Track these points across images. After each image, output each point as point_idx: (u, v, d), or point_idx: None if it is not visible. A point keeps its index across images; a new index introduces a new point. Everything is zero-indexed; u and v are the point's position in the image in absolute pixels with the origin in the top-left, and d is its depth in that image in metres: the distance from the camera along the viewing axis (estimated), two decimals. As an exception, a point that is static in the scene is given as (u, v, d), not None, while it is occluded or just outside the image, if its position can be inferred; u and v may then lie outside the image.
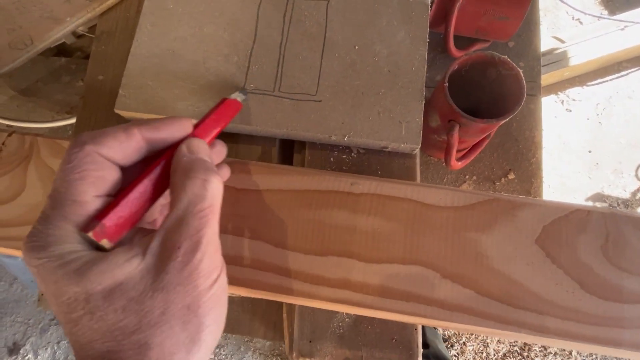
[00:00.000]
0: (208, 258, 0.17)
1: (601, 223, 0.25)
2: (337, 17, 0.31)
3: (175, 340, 0.16)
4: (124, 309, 0.16)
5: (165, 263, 0.16)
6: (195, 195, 0.17)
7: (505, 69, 0.32)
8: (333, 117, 0.29)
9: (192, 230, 0.17)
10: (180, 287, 0.16)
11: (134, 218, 0.18)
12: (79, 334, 0.16)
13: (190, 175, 0.18)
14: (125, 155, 0.18)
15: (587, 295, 0.24)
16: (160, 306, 0.16)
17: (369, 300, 0.24)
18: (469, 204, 0.26)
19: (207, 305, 0.17)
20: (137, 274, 0.16)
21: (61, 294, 0.16)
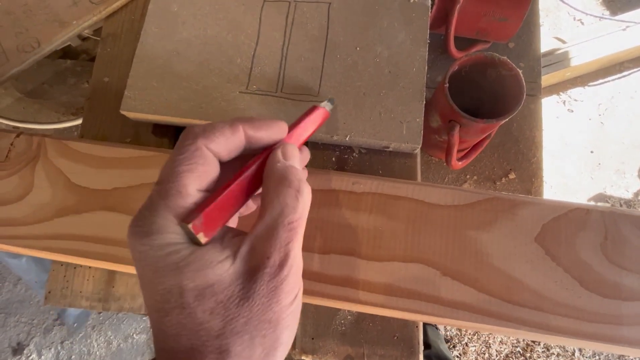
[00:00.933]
0: (293, 274, 0.17)
1: (600, 221, 0.25)
2: (339, 19, 0.31)
3: (253, 352, 0.16)
4: (212, 312, 0.16)
5: (255, 272, 0.17)
6: (287, 206, 0.17)
7: (505, 70, 0.32)
8: (335, 117, 0.29)
9: (282, 242, 0.17)
10: (266, 299, 0.16)
11: (227, 215, 0.18)
12: (167, 324, 0.16)
13: (284, 184, 0.18)
14: (229, 151, 0.19)
15: (586, 292, 0.24)
16: (245, 315, 0.16)
17: (371, 297, 0.25)
18: (470, 203, 0.26)
19: (286, 322, 0.17)
20: (227, 277, 0.16)
21: (158, 283, 0.16)
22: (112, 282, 0.31)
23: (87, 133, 0.35)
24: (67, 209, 0.28)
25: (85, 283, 0.31)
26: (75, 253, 0.27)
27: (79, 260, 0.28)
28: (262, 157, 0.19)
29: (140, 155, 0.29)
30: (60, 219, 0.28)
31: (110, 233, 0.27)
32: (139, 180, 0.28)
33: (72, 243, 0.27)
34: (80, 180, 0.29)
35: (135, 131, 0.34)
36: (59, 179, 0.29)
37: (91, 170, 0.29)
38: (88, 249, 0.27)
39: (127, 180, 0.29)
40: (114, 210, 0.28)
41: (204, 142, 0.18)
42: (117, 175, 0.29)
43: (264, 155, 0.19)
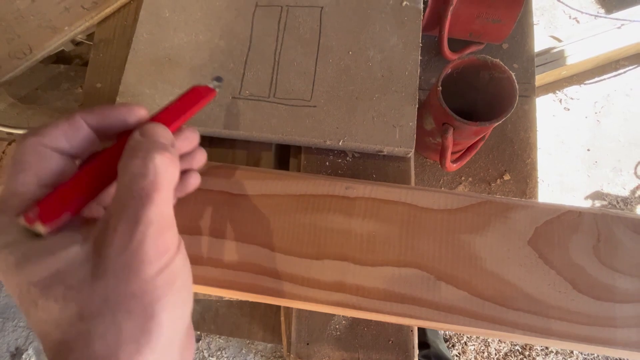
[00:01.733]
0: (151, 241, 0.16)
1: (592, 224, 0.26)
2: (331, 23, 0.31)
3: (120, 330, 0.15)
4: (64, 298, 0.15)
5: (104, 247, 0.16)
6: (134, 175, 0.16)
7: (498, 72, 0.32)
8: (328, 122, 0.29)
9: (130, 211, 0.16)
10: (121, 273, 0.15)
11: (73, 204, 0.17)
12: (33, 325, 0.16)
13: (130, 155, 0.17)
14: (73, 144, 0.18)
15: (579, 295, 0.24)
16: (100, 294, 0.15)
17: (365, 302, 0.25)
18: (463, 207, 0.26)
19: (156, 293, 0.16)
20: (76, 261, 0.16)
21: (8, 286, 0.16)
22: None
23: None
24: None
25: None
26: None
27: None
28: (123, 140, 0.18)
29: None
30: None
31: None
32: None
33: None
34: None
35: (129, 137, 0.34)
36: (51, 186, 0.29)
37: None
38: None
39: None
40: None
41: (35, 139, 0.17)
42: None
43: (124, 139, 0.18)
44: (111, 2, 0.37)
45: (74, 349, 0.15)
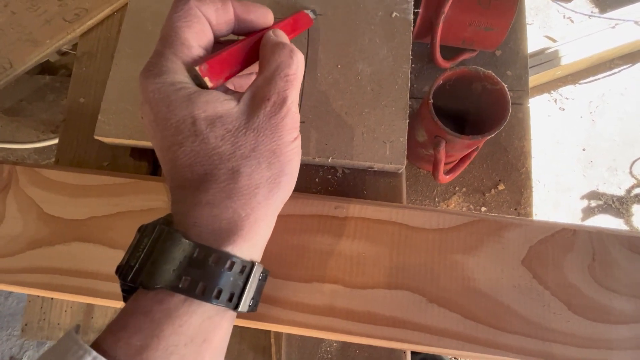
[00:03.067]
0: (291, 116, 0.19)
1: (587, 242, 0.25)
2: (319, 36, 0.30)
3: (261, 175, 0.19)
4: (222, 138, 0.18)
5: (257, 109, 0.19)
6: (283, 62, 0.19)
7: (490, 84, 0.32)
8: (316, 138, 0.28)
9: (279, 88, 0.19)
10: (269, 132, 0.19)
11: (229, 70, 0.20)
12: (181, 155, 0.18)
13: (279, 46, 0.20)
14: (218, 22, 0.20)
15: (574, 316, 0.24)
16: (251, 143, 0.19)
17: (355, 327, 0.24)
18: (455, 226, 0.26)
19: (288, 155, 0.19)
20: (234, 112, 0.19)
21: (172, 116, 0.18)
22: (90, 313, 0.30)
23: (63, 156, 0.33)
24: (39, 241, 0.27)
25: (63, 315, 0.30)
26: (49, 287, 0.26)
27: (54, 294, 0.27)
28: (256, 36, 0.21)
29: (116, 182, 0.28)
30: (33, 251, 0.27)
31: (85, 265, 0.26)
32: (116, 209, 0.28)
33: (46, 277, 0.26)
34: (54, 210, 0.28)
35: (113, 154, 0.33)
36: (31, 209, 0.28)
37: (65, 199, 0.28)
38: (63, 283, 0.26)
39: (103, 209, 0.28)
40: (89, 240, 0.27)
41: (196, 3, 0.19)
42: (92, 204, 0.28)
43: (256, 35, 0.21)
44: (93, 14, 0.36)
45: (220, 181, 0.18)
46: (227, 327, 0.19)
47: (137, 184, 0.28)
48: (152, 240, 0.18)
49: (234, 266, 0.18)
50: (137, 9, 0.32)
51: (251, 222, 0.18)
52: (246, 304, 0.19)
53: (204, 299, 0.17)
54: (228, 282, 0.18)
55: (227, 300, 0.18)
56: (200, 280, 0.17)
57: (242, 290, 0.18)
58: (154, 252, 0.17)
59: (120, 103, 0.30)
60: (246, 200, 0.18)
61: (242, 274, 0.18)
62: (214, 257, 0.17)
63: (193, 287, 0.17)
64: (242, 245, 0.18)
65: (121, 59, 0.31)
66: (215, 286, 0.17)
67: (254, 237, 0.19)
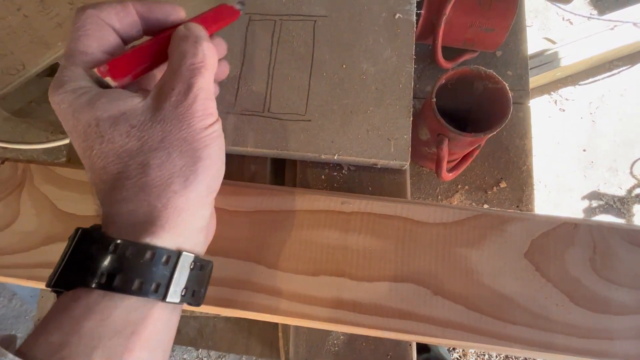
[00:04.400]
0: (200, 102, 0.19)
1: (588, 235, 0.26)
2: (324, 37, 0.31)
3: (173, 165, 0.19)
4: (128, 134, 0.18)
5: (163, 101, 0.19)
6: (187, 52, 0.20)
7: (492, 83, 0.32)
8: (322, 136, 0.29)
9: (184, 77, 0.19)
10: (176, 121, 0.19)
11: (135, 69, 0.20)
12: (94, 159, 0.19)
13: (183, 39, 0.20)
14: (122, 25, 0.21)
15: (576, 308, 0.24)
16: (158, 134, 0.19)
17: (362, 319, 0.25)
18: (458, 220, 0.26)
19: (203, 141, 0.19)
20: (138, 108, 0.19)
21: (77, 123, 0.19)
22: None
23: (75, 155, 0.34)
24: (54, 237, 0.28)
25: (75, 309, 0.30)
26: (63, 281, 0.27)
27: (67, 288, 0.27)
28: (168, 33, 0.21)
29: (127, 179, 0.29)
30: (47, 246, 0.28)
31: (98, 260, 0.27)
32: (127, 205, 0.28)
33: (60, 271, 0.27)
34: (67, 207, 0.28)
35: (123, 153, 0.34)
36: (45, 205, 0.28)
37: (78, 196, 0.29)
38: (76, 277, 0.27)
39: (114, 205, 0.28)
40: (102, 236, 0.27)
41: (94, 12, 0.20)
42: (104, 201, 0.28)
43: (169, 31, 0.21)
44: (104, 16, 0.37)
45: (132, 177, 0.18)
46: (160, 318, 0.18)
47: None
48: (74, 243, 0.18)
49: (156, 256, 0.18)
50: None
51: (170, 212, 0.18)
52: (177, 294, 0.19)
53: (124, 291, 0.17)
54: (151, 273, 0.18)
55: (152, 292, 0.18)
56: (118, 274, 0.17)
57: (169, 280, 0.18)
58: (75, 255, 0.18)
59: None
60: (160, 191, 0.18)
61: (168, 264, 0.18)
62: (132, 250, 0.17)
63: (110, 280, 0.17)
64: (163, 235, 0.18)
65: (132, 60, 0.31)
66: (135, 278, 0.17)
67: (178, 226, 0.19)
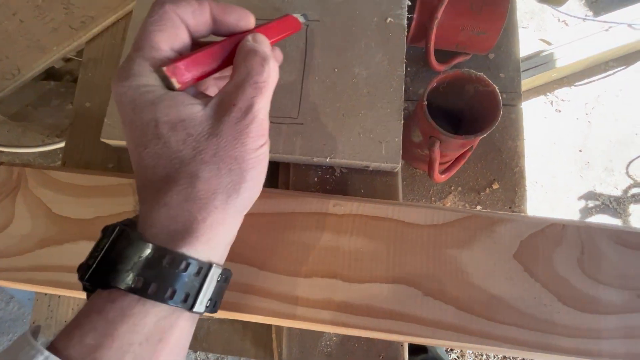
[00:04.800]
0: (257, 123, 0.19)
1: (576, 236, 0.26)
2: (317, 41, 0.32)
3: (220, 181, 0.19)
4: (184, 142, 0.19)
5: (222, 115, 0.19)
6: (253, 69, 0.20)
7: (482, 86, 0.33)
8: (315, 139, 0.29)
9: (247, 94, 0.19)
10: (232, 138, 0.19)
11: (200, 71, 0.20)
12: (146, 157, 0.19)
13: (252, 54, 0.20)
14: (196, 23, 0.21)
15: (565, 307, 0.25)
16: (212, 148, 0.19)
17: (353, 320, 0.25)
18: (449, 221, 0.27)
19: (251, 163, 0.19)
20: (198, 117, 0.19)
21: (137, 119, 0.19)
22: (97, 310, 0.31)
23: (70, 159, 0.35)
24: (48, 240, 0.28)
25: (70, 312, 0.31)
26: (57, 284, 0.27)
27: (62, 291, 0.27)
28: (235, 38, 0.21)
29: (122, 183, 0.29)
30: (42, 250, 0.28)
31: (92, 263, 0.27)
32: (121, 209, 0.28)
33: (55, 274, 0.27)
34: (62, 210, 0.29)
35: (118, 156, 0.34)
36: (39, 209, 0.29)
37: (72, 199, 0.29)
38: (71, 280, 0.27)
39: (109, 209, 0.29)
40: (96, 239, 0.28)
41: (172, 7, 0.20)
42: (98, 204, 0.29)
43: (236, 38, 0.21)
44: (99, 21, 0.37)
45: (179, 184, 0.18)
46: (185, 327, 0.19)
47: (142, 185, 0.29)
48: (110, 240, 0.18)
49: (189, 267, 0.18)
50: (142, 17, 0.33)
51: (208, 225, 0.19)
52: (203, 304, 0.19)
53: (157, 298, 0.17)
54: (183, 283, 0.18)
55: (181, 301, 0.18)
56: (153, 281, 0.17)
57: (198, 291, 0.18)
58: (111, 253, 0.18)
59: (126, 107, 0.31)
60: (203, 204, 0.18)
61: (199, 276, 0.18)
62: (169, 258, 0.18)
63: (146, 287, 0.17)
64: (199, 247, 0.18)
65: (126, 65, 0.32)
66: (168, 286, 0.17)
67: (212, 240, 0.19)
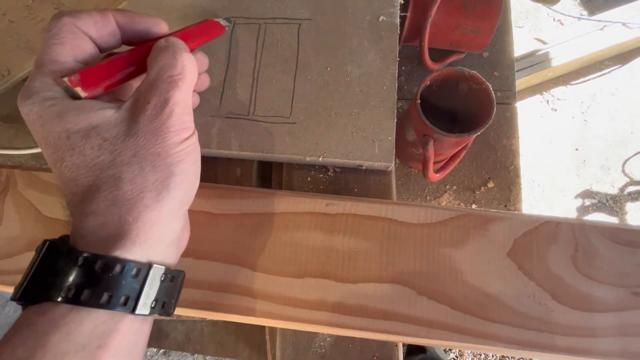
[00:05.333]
0: (176, 117, 0.19)
1: (570, 233, 0.26)
2: (309, 40, 0.31)
3: (146, 179, 0.18)
4: (100, 147, 0.18)
5: (137, 114, 0.19)
6: (165, 64, 0.19)
7: (475, 84, 0.33)
8: (307, 138, 0.29)
9: (161, 90, 0.19)
10: (150, 135, 0.18)
11: (110, 79, 0.20)
12: (65, 171, 0.19)
13: (162, 50, 0.20)
14: (100, 35, 0.20)
15: (559, 306, 0.25)
16: (131, 149, 0.18)
17: (347, 320, 0.25)
18: (442, 220, 0.27)
19: (177, 157, 0.19)
20: (111, 121, 0.19)
21: (47, 134, 0.18)
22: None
23: (61, 161, 0.34)
24: (37, 242, 0.27)
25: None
26: (47, 287, 0.27)
27: (51, 294, 0.27)
28: (148, 45, 0.21)
29: (112, 183, 0.29)
30: (31, 252, 0.27)
31: (82, 265, 0.27)
32: (112, 210, 0.28)
33: (44, 277, 0.27)
34: (51, 212, 0.28)
35: (109, 157, 0.33)
36: (29, 211, 0.28)
37: (62, 200, 0.28)
38: (60, 283, 0.27)
39: (99, 210, 0.28)
40: (86, 241, 0.27)
41: (70, 19, 0.19)
42: (89, 205, 0.28)
43: (148, 44, 0.21)
44: (90, 21, 0.37)
45: (103, 190, 0.18)
46: (129, 330, 0.18)
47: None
48: (41, 256, 0.18)
49: (125, 270, 0.18)
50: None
51: (140, 225, 0.18)
52: (147, 306, 0.19)
53: (92, 305, 0.17)
54: (119, 286, 0.18)
55: (120, 305, 0.18)
56: (86, 288, 0.17)
57: (139, 293, 0.18)
58: (39, 267, 0.18)
59: (116, 107, 0.30)
60: (131, 205, 0.18)
61: (137, 277, 0.18)
62: (101, 263, 0.17)
63: (77, 295, 0.17)
64: (133, 248, 0.18)
65: (117, 65, 0.31)
66: (103, 291, 0.17)
67: (149, 240, 0.19)
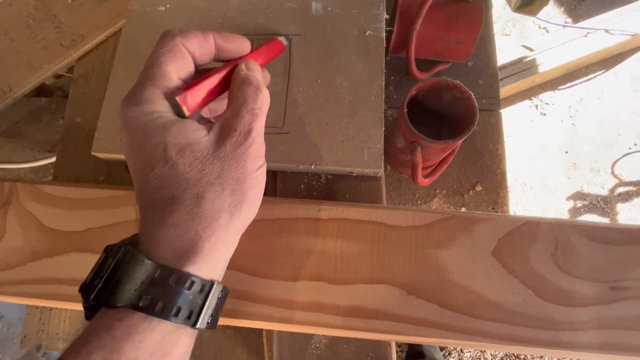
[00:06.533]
0: (256, 146, 0.21)
1: (550, 233, 0.27)
2: (300, 53, 0.33)
3: (224, 201, 0.20)
4: (190, 164, 0.20)
5: (224, 140, 0.21)
6: (249, 97, 0.21)
7: (459, 92, 0.34)
8: (300, 147, 0.31)
9: (245, 120, 0.21)
10: (234, 160, 0.20)
11: (205, 99, 0.22)
12: (152, 178, 0.20)
13: (246, 83, 0.22)
14: (201, 54, 0.23)
15: (541, 301, 0.26)
16: (217, 171, 0.20)
17: (340, 321, 0.26)
18: (429, 223, 0.28)
19: (252, 183, 0.21)
20: (203, 141, 0.20)
21: (146, 142, 0.20)
22: (89, 322, 0.31)
23: (61, 173, 0.35)
24: (39, 253, 0.28)
25: (61, 324, 0.31)
26: (49, 297, 0.27)
27: (54, 303, 0.28)
28: (231, 65, 0.24)
29: (112, 195, 0.30)
30: (33, 262, 0.28)
31: (83, 274, 0.28)
32: (112, 220, 0.29)
33: (46, 287, 0.28)
34: (53, 223, 0.29)
35: (108, 169, 0.35)
36: (31, 223, 0.29)
37: (63, 212, 0.29)
38: (62, 292, 0.27)
39: (99, 220, 0.29)
40: (87, 251, 0.28)
41: (181, 40, 0.22)
42: (89, 216, 0.29)
43: (232, 64, 0.24)
44: (89, 39, 0.38)
45: (186, 204, 0.20)
46: (187, 342, 0.20)
47: (132, 196, 0.30)
48: (116, 260, 0.19)
49: (194, 285, 0.19)
50: (131, 34, 0.34)
51: (211, 244, 0.20)
52: (204, 321, 0.20)
53: (163, 316, 0.18)
54: (187, 301, 0.19)
55: (185, 318, 0.19)
56: (160, 299, 0.18)
57: (201, 308, 0.19)
58: (117, 273, 0.18)
59: (116, 121, 0.32)
60: (208, 223, 0.20)
61: (202, 293, 0.19)
62: (174, 277, 0.18)
63: (153, 305, 0.18)
64: (202, 265, 0.19)
65: (116, 80, 0.33)
66: (174, 304, 0.18)
67: (214, 258, 0.20)
